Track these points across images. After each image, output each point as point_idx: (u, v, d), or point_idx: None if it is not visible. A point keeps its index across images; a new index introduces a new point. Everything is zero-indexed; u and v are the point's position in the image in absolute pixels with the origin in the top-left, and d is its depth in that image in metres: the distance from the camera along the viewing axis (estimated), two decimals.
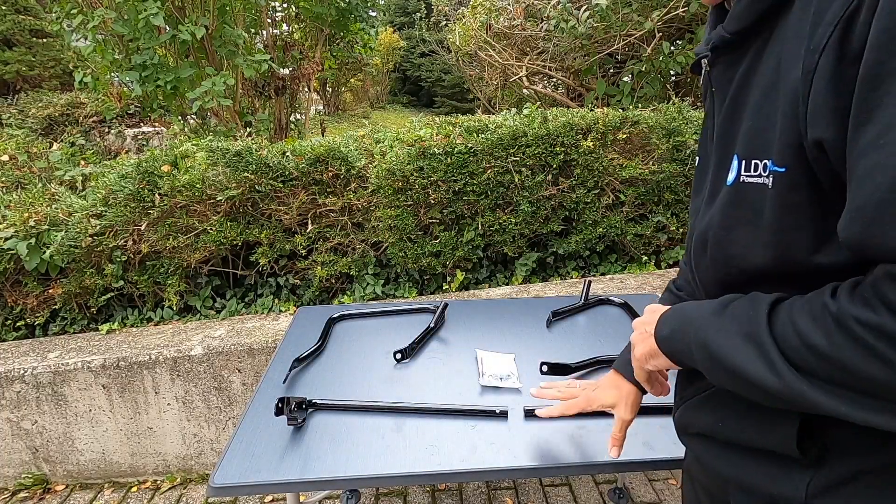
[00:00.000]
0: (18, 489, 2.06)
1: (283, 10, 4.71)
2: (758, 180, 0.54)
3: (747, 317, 0.53)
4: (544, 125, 2.25)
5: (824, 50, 0.45)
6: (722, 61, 0.61)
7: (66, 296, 2.18)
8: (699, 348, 0.57)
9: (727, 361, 0.53)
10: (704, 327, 0.57)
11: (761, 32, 0.55)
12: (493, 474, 1.03)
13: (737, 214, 0.58)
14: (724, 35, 0.58)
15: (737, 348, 0.52)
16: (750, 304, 0.55)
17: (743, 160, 0.56)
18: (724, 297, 0.59)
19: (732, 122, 0.59)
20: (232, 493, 0.99)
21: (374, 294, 2.32)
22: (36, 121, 4.82)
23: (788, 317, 0.50)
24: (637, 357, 0.70)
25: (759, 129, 0.54)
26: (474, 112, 6.79)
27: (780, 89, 0.51)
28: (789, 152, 0.50)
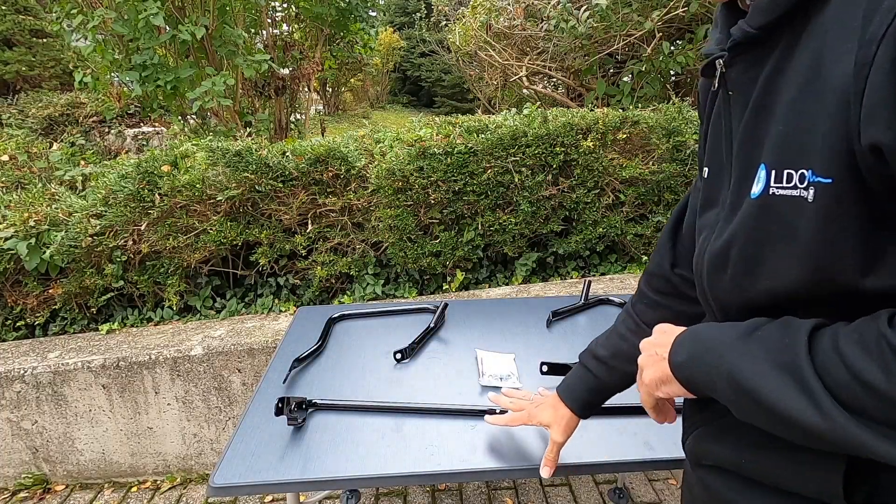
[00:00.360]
0: (18, 489, 2.06)
1: (283, 10, 4.71)
2: (792, 192, 0.47)
3: (782, 344, 0.47)
4: (544, 125, 2.25)
5: (883, 39, 0.40)
6: (741, 60, 0.55)
7: (66, 296, 2.18)
8: (724, 378, 0.51)
9: (759, 395, 0.47)
10: (730, 355, 0.51)
11: (791, 26, 0.49)
12: (493, 474, 1.03)
13: (766, 231, 0.51)
14: (748, 30, 0.51)
15: (771, 381, 0.46)
16: (784, 330, 0.49)
17: (773, 170, 0.49)
18: (750, 321, 0.53)
19: (757, 128, 0.53)
20: (232, 493, 0.99)
21: (374, 294, 2.32)
22: (36, 121, 4.82)
23: (833, 346, 0.44)
24: (646, 382, 0.62)
25: (793, 135, 0.48)
26: (474, 112, 6.79)
27: (822, 89, 0.45)
28: (837, 161, 0.44)
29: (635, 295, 0.89)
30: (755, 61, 0.54)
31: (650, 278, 0.86)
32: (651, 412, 0.69)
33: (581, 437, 1.09)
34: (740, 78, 0.56)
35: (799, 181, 0.47)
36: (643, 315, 0.85)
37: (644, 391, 0.65)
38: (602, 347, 0.90)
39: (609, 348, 0.89)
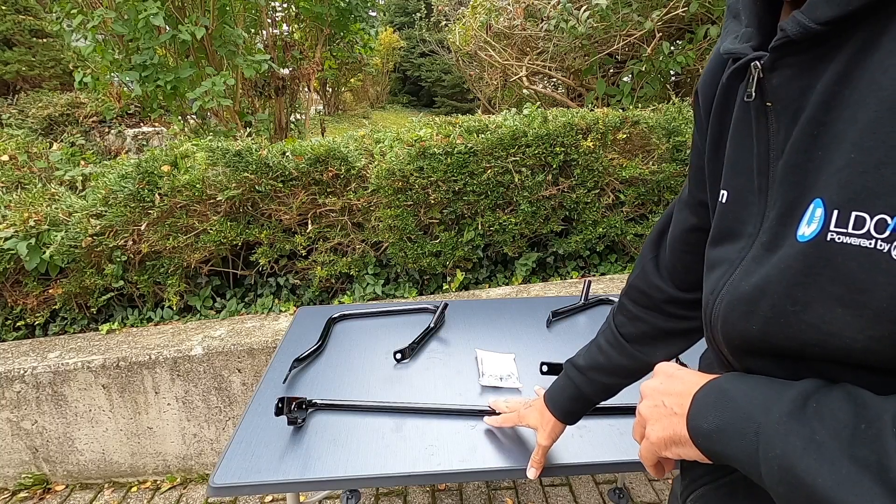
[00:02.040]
0: (18, 489, 2.06)
1: (283, 10, 4.71)
2: (863, 242, 0.37)
3: (856, 429, 0.36)
4: (544, 125, 2.25)
5: None
6: (790, 64, 0.43)
7: (66, 296, 2.18)
8: (772, 466, 0.39)
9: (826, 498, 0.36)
10: (782, 438, 0.39)
11: (869, 22, 0.38)
12: (493, 474, 1.03)
13: (819, 287, 0.40)
14: (810, 26, 0.39)
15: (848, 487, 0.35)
16: (856, 408, 0.38)
17: (835, 209, 0.39)
18: (799, 387, 0.42)
19: (811, 153, 0.42)
20: (232, 493, 0.99)
21: (374, 294, 2.32)
22: (36, 121, 4.82)
23: None
24: (653, 441, 0.50)
25: (870, 167, 0.37)
26: (474, 112, 6.79)
27: None
28: None
29: (616, 306, 0.83)
30: (810, 65, 0.42)
31: (630, 290, 0.79)
32: (651, 469, 0.56)
33: (581, 437, 1.09)
34: (786, 86, 0.44)
35: (876, 228, 0.36)
36: (622, 327, 0.80)
37: (647, 448, 0.52)
38: (582, 357, 0.85)
39: (588, 359, 0.83)
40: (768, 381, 0.45)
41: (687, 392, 0.49)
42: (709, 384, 0.48)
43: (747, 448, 0.41)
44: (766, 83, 0.45)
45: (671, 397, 0.50)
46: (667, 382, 0.53)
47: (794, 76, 0.43)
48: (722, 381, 0.48)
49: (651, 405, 0.52)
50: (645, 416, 0.53)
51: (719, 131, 0.56)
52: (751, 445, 0.41)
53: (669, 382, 0.52)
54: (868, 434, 0.36)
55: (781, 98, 0.45)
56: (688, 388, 0.49)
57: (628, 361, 0.79)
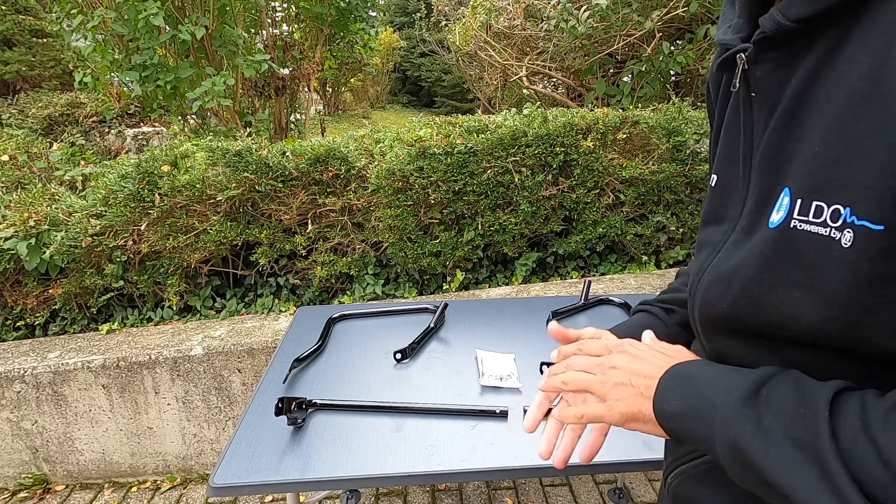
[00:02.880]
0: (18, 489, 2.06)
1: (283, 10, 4.71)
2: (820, 230, 0.39)
3: (797, 415, 0.39)
4: (544, 125, 2.25)
5: None
6: (770, 58, 0.45)
7: (66, 296, 2.18)
8: (727, 447, 0.42)
9: (771, 478, 0.39)
10: (736, 423, 0.42)
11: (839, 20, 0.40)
12: (493, 474, 1.03)
13: (782, 272, 0.43)
14: (783, 23, 0.41)
15: (787, 466, 0.38)
16: (798, 395, 0.40)
17: (799, 198, 0.41)
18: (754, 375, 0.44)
19: (784, 144, 0.44)
20: (232, 493, 0.99)
21: (374, 294, 2.32)
22: (36, 121, 4.82)
23: (863, 428, 0.36)
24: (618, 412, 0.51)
25: (833, 160, 0.39)
26: (474, 112, 6.80)
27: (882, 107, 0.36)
28: (890, 204, 0.35)
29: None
30: (788, 59, 0.44)
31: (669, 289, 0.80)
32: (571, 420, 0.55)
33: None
34: (767, 78, 0.46)
35: (831, 218, 0.39)
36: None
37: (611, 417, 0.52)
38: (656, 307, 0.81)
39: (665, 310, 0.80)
40: (730, 369, 0.47)
41: (654, 375, 0.51)
42: (674, 369, 0.50)
43: (706, 430, 0.44)
44: (751, 74, 0.47)
45: (639, 378, 0.51)
46: (633, 363, 0.53)
47: (773, 70, 0.45)
48: (688, 366, 0.50)
49: (619, 382, 0.52)
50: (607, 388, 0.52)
51: (720, 120, 0.58)
52: (709, 428, 0.44)
53: (636, 363, 0.53)
54: (805, 418, 0.39)
55: (763, 90, 0.47)
56: (655, 372, 0.51)
57: None
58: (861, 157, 0.37)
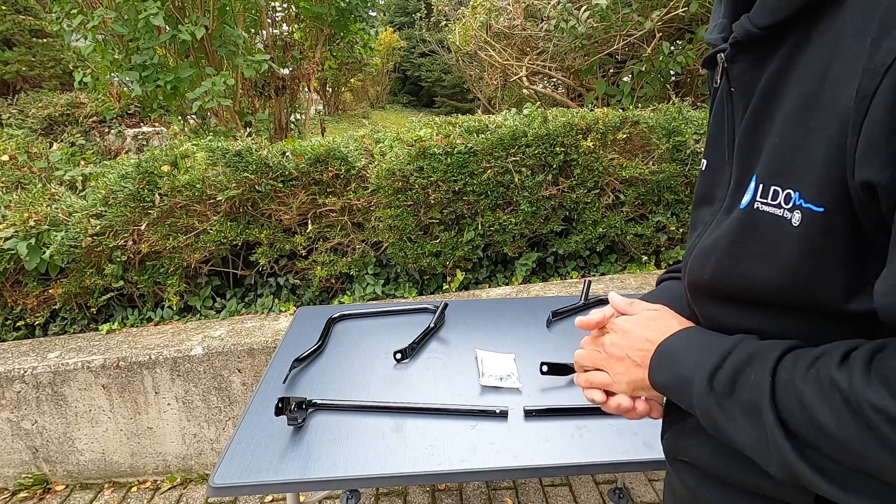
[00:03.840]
0: (18, 489, 2.06)
1: (283, 10, 4.71)
2: (775, 211, 0.46)
3: (749, 381, 0.48)
4: (544, 125, 2.25)
5: (888, 71, 0.36)
6: (744, 58, 0.51)
7: (66, 296, 2.18)
8: (702, 415, 0.53)
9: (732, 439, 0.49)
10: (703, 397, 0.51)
11: (799, 28, 0.45)
12: (493, 474, 1.03)
13: (746, 246, 0.50)
14: (751, 29, 0.47)
15: (740, 429, 0.48)
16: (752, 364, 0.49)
17: (762, 183, 0.48)
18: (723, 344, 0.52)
19: (755, 135, 0.50)
20: (232, 493, 0.99)
21: (374, 294, 2.32)
22: (36, 121, 4.82)
23: (791, 382, 0.45)
24: (625, 382, 0.62)
25: (786, 150, 0.45)
26: (474, 112, 6.80)
27: (825, 108, 0.42)
28: (831, 190, 0.41)
29: None
30: (759, 60, 0.50)
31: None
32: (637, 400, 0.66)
33: (581, 437, 1.09)
34: (743, 76, 0.52)
35: (784, 201, 0.45)
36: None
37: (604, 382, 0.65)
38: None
39: None
40: (704, 341, 0.55)
41: (646, 349, 0.60)
42: (662, 344, 0.59)
43: (688, 401, 0.53)
44: (730, 72, 0.54)
45: (634, 351, 0.61)
46: (626, 338, 0.63)
47: (747, 68, 0.51)
48: (671, 340, 0.58)
49: (617, 356, 0.63)
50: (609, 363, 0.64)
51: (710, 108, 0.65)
52: (689, 399, 0.53)
53: (629, 338, 0.62)
54: (754, 382, 0.47)
55: (740, 85, 0.53)
56: (646, 346, 0.60)
57: None
58: (808, 149, 0.43)
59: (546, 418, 1.14)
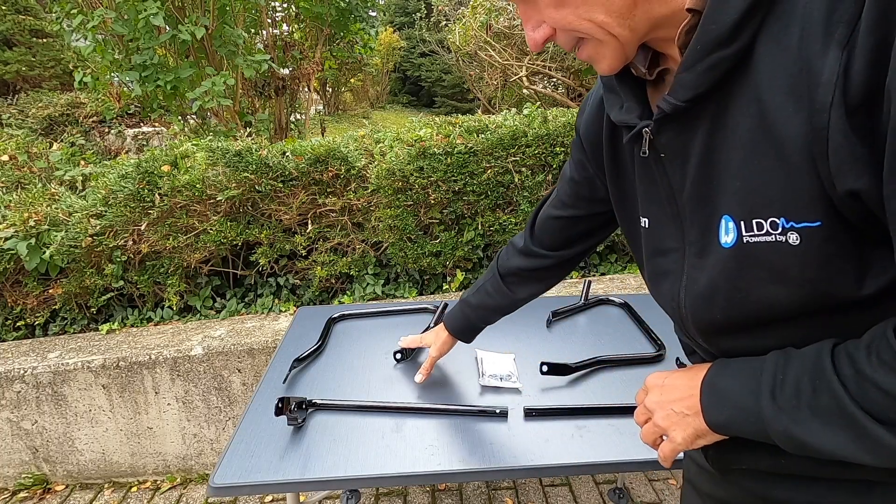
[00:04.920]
0: (18, 489, 2.06)
1: (283, 10, 4.71)
2: (768, 239, 0.51)
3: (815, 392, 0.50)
4: (544, 125, 2.25)
5: (832, 107, 0.44)
6: (670, 128, 0.58)
7: (66, 296, 2.18)
8: (782, 437, 0.53)
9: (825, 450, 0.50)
10: (776, 419, 0.53)
11: (717, 94, 0.53)
12: (493, 474, 1.03)
13: (752, 275, 0.54)
14: (677, 104, 0.54)
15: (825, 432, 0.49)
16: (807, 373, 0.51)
17: (741, 221, 0.53)
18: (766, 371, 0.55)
19: (709, 185, 0.56)
20: (232, 493, 0.99)
21: (374, 294, 2.32)
22: (36, 121, 4.82)
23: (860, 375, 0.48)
24: (679, 441, 0.63)
25: (752, 189, 0.52)
26: (474, 112, 6.79)
27: (778, 147, 0.49)
28: (820, 205, 0.48)
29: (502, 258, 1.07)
30: (685, 126, 0.56)
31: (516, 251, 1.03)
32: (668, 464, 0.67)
33: (581, 437, 1.09)
34: (672, 142, 0.58)
35: (771, 228, 0.51)
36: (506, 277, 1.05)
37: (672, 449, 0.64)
38: (473, 297, 1.13)
39: (478, 300, 1.12)
40: (741, 368, 0.58)
41: (688, 395, 0.62)
42: (704, 385, 0.61)
43: (758, 430, 0.55)
44: (657, 142, 0.60)
45: (677, 403, 0.63)
46: (665, 393, 0.65)
47: (675, 135, 0.58)
48: (711, 378, 0.60)
49: (664, 415, 0.64)
50: (663, 426, 0.64)
51: (616, 173, 0.73)
52: (759, 427, 0.54)
53: (668, 392, 0.65)
54: (821, 389, 0.50)
55: (670, 151, 0.59)
56: (687, 393, 0.62)
57: (505, 301, 1.09)
58: (774, 182, 0.50)
59: (546, 418, 1.14)
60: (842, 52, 0.43)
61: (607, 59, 0.58)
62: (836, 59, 0.44)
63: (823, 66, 0.44)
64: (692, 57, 0.51)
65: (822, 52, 0.45)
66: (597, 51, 0.57)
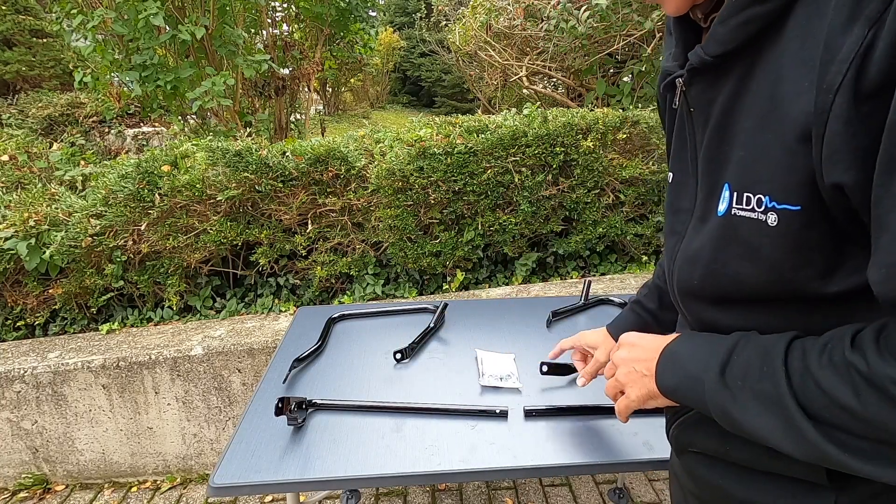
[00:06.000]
0: (18, 489, 2.06)
1: (283, 10, 4.71)
2: (751, 215, 0.51)
3: (761, 373, 0.50)
4: (544, 125, 2.25)
5: (839, 90, 0.42)
6: (700, 81, 0.57)
7: (66, 296, 2.18)
8: (717, 411, 0.55)
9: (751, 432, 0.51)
10: (717, 393, 0.54)
11: (747, 54, 0.51)
12: (493, 474, 1.03)
13: (730, 249, 0.55)
14: (705, 58, 0.53)
15: (761, 419, 0.50)
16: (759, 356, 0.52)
17: (735, 192, 0.53)
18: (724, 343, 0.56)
19: (720, 149, 0.55)
20: (232, 493, 0.99)
21: (374, 294, 2.32)
22: (36, 121, 4.82)
23: (807, 370, 0.48)
24: (633, 398, 0.66)
25: (752, 161, 0.51)
26: (474, 112, 6.79)
27: (781, 122, 0.47)
28: (804, 190, 0.47)
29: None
30: (713, 83, 0.56)
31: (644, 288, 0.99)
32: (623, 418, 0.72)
33: (581, 436, 1.09)
34: (700, 97, 0.58)
35: (756, 205, 0.50)
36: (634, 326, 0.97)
37: (627, 405, 0.68)
38: (648, 300, 1.00)
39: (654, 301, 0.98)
40: (705, 342, 0.59)
41: (650, 358, 0.64)
42: (665, 350, 0.63)
43: (699, 399, 0.56)
44: (688, 94, 0.60)
45: (640, 363, 0.65)
46: (633, 351, 0.67)
47: (703, 90, 0.57)
48: (673, 345, 0.62)
49: (625, 372, 0.67)
50: (623, 381, 0.68)
51: (669, 127, 0.72)
52: (700, 398, 0.56)
53: (634, 351, 0.67)
54: (767, 374, 0.50)
55: (698, 106, 0.59)
56: (650, 355, 0.64)
57: None
58: (770, 158, 0.49)
59: (546, 418, 1.14)
60: (867, 29, 0.40)
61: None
62: (858, 38, 0.41)
63: (843, 43, 0.42)
64: (728, 10, 0.50)
65: (845, 28, 0.42)
66: None
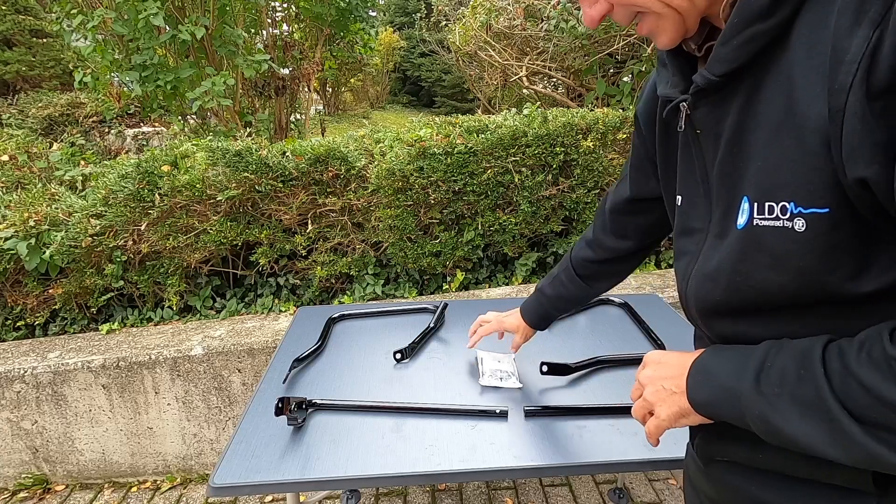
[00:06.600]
0: (18, 489, 2.06)
1: (283, 10, 4.71)
2: (775, 223, 0.51)
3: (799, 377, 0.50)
4: (544, 125, 2.25)
5: (851, 89, 0.43)
6: (706, 103, 0.58)
7: (66, 296, 2.18)
8: (757, 421, 0.53)
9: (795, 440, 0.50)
10: (755, 403, 0.52)
11: (753, 69, 0.53)
12: (493, 474, 1.03)
13: (754, 260, 0.54)
14: (711, 78, 0.54)
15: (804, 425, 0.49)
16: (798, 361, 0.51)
17: (755, 203, 0.52)
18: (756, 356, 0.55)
19: (734, 164, 0.56)
20: (232, 493, 0.99)
21: (374, 294, 2.32)
22: (36, 121, 4.82)
23: (846, 370, 0.47)
24: (664, 418, 0.63)
25: (772, 169, 0.51)
26: (474, 112, 6.79)
27: (798, 128, 0.48)
28: (830, 192, 0.47)
29: (574, 250, 1.08)
30: (720, 102, 0.56)
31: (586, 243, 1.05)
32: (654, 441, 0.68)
33: (581, 437, 1.09)
34: (706, 118, 0.58)
35: (781, 212, 0.50)
36: (578, 268, 1.06)
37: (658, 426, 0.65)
38: (549, 287, 1.13)
39: (553, 290, 1.12)
40: (735, 353, 0.58)
41: (679, 374, 0.62)
42: (695, 364, 0.61)
43: (736, 412, 0.55)
44: (693, 117, 0.60)
45: (668, 381, 0.63)
46: (659, 369, 0.66)
47: (710, 111, 0.58)
48: (702, 358, 0.61)
49: (653, 391, 0.65)
50: (651, 400, 0.65)
51: (665, 153, 0.73)
52: (737, 410, 0.54)
53: (661, 369, 0.65)
54: (805, 378, 0.49)
55: (705, 126, 0.59)
56: (679, 371, 0.62)
57: (580, 292, 1.09)
58: (791, 164, 0.49)
59: (546, 418, 1.14)
60: (872, 30, 0.42)
61: (668, 32, 0.57)
62: (864, 39, 0.42)
63: (850, 45, 0.43)
64: (730, 30, 0.51)
65: (851, 30, 0.43)
66: (657, 24, 0.56)
